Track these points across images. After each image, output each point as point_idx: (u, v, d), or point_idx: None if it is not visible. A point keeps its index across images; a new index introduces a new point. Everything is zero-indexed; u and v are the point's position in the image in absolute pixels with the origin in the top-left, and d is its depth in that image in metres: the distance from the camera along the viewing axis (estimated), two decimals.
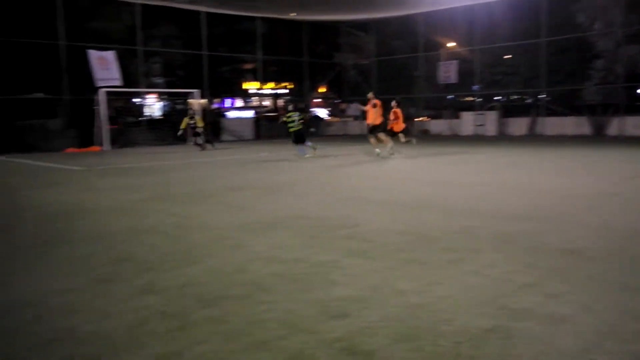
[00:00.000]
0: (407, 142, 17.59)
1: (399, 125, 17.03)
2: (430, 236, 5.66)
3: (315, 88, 35.89)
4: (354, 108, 34.20)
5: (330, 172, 12.53)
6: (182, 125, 20.79)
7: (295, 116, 16.43)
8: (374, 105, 15.45)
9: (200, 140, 20.77)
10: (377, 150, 15.84)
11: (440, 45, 30.92)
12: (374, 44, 33.27)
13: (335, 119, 36.11)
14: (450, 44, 30.86)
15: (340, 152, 18.45)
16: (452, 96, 31.97)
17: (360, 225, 6.32)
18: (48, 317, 3.55)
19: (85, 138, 22.73)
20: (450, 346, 3.00)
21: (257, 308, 3.69)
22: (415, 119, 30.88)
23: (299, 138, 16.48)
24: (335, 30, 33.80)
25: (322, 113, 37.54)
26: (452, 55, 30.24)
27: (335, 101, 37.79)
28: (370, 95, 15.74)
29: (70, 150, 21.60)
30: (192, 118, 20.62)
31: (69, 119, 23.61)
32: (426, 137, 27.83)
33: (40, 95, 24.25)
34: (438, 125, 30.50)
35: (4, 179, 12.37)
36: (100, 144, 22.08)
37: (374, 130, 15.77)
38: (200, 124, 20.64)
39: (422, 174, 11.96)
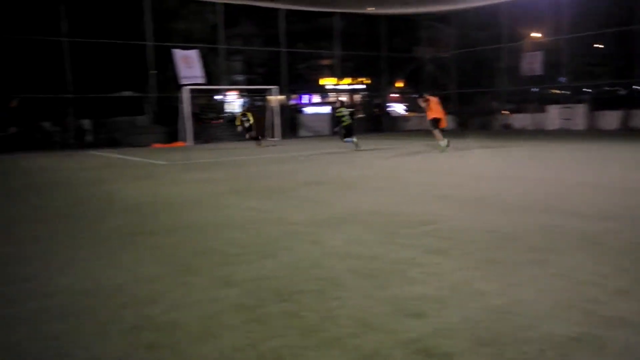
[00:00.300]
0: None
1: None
2: (511, 235, 5.40)
3: (392, 83, 35.49)
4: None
5: (404, 167, 12.32)
6: (237, 122, 21.16)
7: (346, 112, 17.42)
8: (426, 101, 16.36)
9: (252, 134, 21.06)
10: (441, 143, 16.07)
11: (524, 36, 29.59)
12: (454, 36, 32.37)
13: (412, 114, 35.54)
14: (535, 34, 29.47)
15: (413, 147, 18.12)
16: (537, 89, 30.53)
17: (439, 222, 6.14)
18: (133, 305, 3.69)
19: (171, 134, 23.74)
20: (534, 353, 2.82)
21: (331, 304, 3.66)
22: (496, 113, 29.79)
23: (349, 132, 17.42)
24: (414, 24, 33.20)
25: (399, 108, 37.08)
26: (537, 45, 28.87)
27: (413, 96, 37.19)
28: (425, 95, 16.32)
29: (157, 145, 22.63)
30: (244, 115, 20.89)
31: (155, 115, 24.76)
32: (508, 131, 26.77)
33: (129, 93, 25.62)
34: (521, 120, 29.24)
35: (96, 172, 13.14)
36: (184, 140, 22.97)
37: (434, 124, 16.35)
38: (251, 119, 20.83)
39: (494, 168, 11.49)
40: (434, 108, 16.28)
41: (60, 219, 7.04)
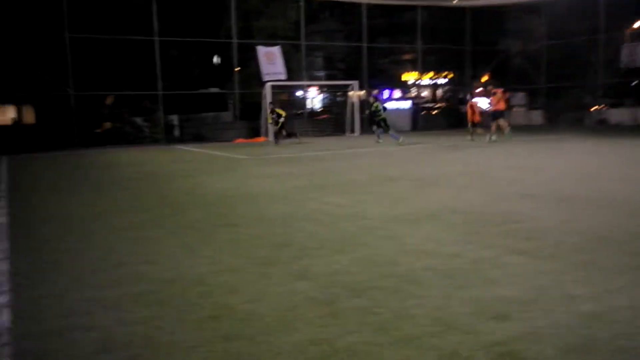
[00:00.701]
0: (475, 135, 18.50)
1: (476, 117, 18.69)
2: (608, 237, 5.04)
3: (476, 77, 34.35)
4: (519, 97, 32.12)
5: (486, 164, 11.88)
6: (269, 120, 21.01)
7: (381, 106, 18.65)
8: (493, 94, 17.55)
9: (285, 132, 20.77)
10: (494, 137, 17.06)
11: (624, 26, 27.62)
12: (545, 27, 30.78)
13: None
14: (637, 24, 27.44)
15: (494, 143, 17.43)
16: (637, 82, 28.43)
17: (524, 221, 5.85)
18: (212, 295, 3.78)
19: (252, 129, 24.31)
20: None
21: (407, 302, 3.57)
22: (591, 109, 28.08)
23: (387, 126, 18.68)
24: (501, 15, 31.88)
25: (483, 103, 35.83)
26: (638, 36, 26.86)
27: (498, 90, 35.81)
28: (490, 88, 16.23)
29: (239, 140, 23.24)
30: (272, 112, 20.58)
31: (238, 111, 25.46)
32: (602, 127, 25.18)
33: (215, 90, 26.50)
34: (618, 115, 27.37)
35: (182, 165, 13.68)
36: (265, 135, 23.44)
37: (496, 116, 17.44)
38: (283, 114, 20.55)
39: (585, 166, 10.79)
40: (498, 100, 17.44)
41: (147, 210, 7.37)
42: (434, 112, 32.53)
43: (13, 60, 19.27)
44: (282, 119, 20.03)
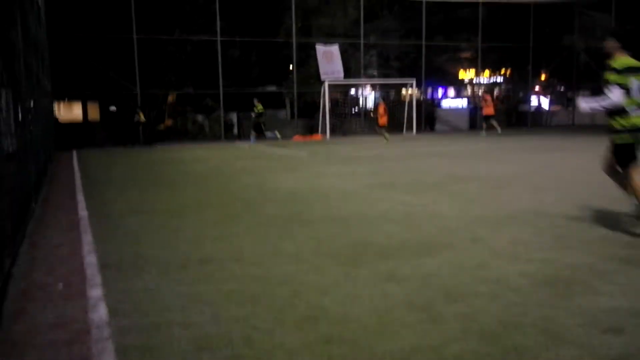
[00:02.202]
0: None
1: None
2: None
3: (538, 75, 33.22)
4: (582, 96, 30.88)
5: (561, 164, 11.39)
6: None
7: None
8: (485, 100, 20.18)
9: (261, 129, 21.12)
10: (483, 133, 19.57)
11: None
12: (614, 23, 29.46)
13: (558, 108, 33.02)
14: None
15: (563, 143, 16.76)
16: None
17: (618, 227, 5.52)
18: (303, 294, 3.71)
19: (309, 127, 24.36)
20: None
21: (510, 310, 3.39)
22: None
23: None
24: (566, 11, 30.71)
25: (544, 102, 34.62)
26: None
27: (561, 89, 34.55)
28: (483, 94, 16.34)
29: (297, 138, 23.31)
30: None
31: (296, 109, 25.55)
32: None
33: (273, 88, 26.70)
34: None
35: (245, 162, 13.79)
36: (323, 133, 23.43)
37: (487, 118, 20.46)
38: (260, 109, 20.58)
39: None
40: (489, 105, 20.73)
41: (221, 206, 7.42)
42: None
43: (82, 59, 19.96)
44: (258, 117, 20.21)
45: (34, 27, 10.60)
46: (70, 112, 26.64)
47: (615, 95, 5.03)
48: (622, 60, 5.17)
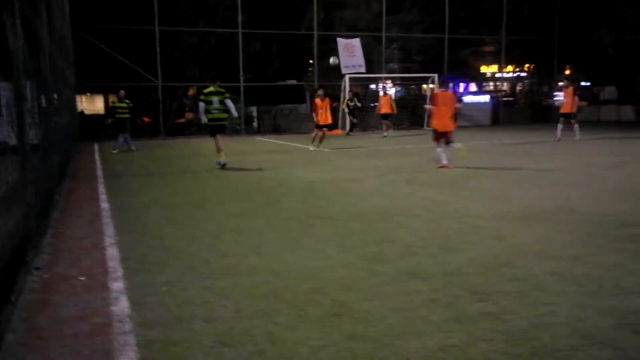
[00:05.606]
0: None
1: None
2: None
3: (563, 70, 32.61)
4: (609, 92, 30.28)
5: (586, 161, 11.15)
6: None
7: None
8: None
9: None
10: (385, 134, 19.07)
11: None
12: None
13: (584, 103, 32.37)
14: None
15: (589, 139, 16.42)
16: None
17: None
18: (326, 291, 3.66)
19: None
20: None
21: (538, 309, 3.30)
22: None
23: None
24: (594, 4, 30.02)
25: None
26: None
27: (585, 84, 33.84)
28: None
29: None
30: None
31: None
32: None
33: (293, 82, 26.63)
34: None
35: (265, 156, 13.77)
36: (342, 128, 23.29)
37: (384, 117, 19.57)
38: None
39: None
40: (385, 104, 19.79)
41: (243, 200, 7.40)
42: (516, 106, 31.26)
43: (104, 52, 20.10)
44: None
45: (59, 20, 10.69)
46: (92, 104, 26.93)
47: None
48: None
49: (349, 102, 21.48)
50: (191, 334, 3.03)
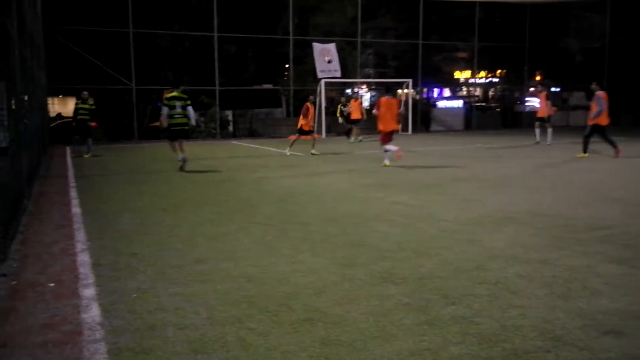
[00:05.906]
0: None
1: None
2: None
3: (533, 76, 33.25)
4: (578, 97, 30.95)
5: (553, 166, 11.38)
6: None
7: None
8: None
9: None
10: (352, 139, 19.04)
11: None
12: (609, 25, 29.53)
13: (554, 109, 33.02)
14: None
15: (554, 145, 16.76)
16: None
17: (615, 227, 5.51)
18: (299, 296, 3.66)
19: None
20: None
21: (509, 312, 3.36)
22: None
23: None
24: (562, 12, 30.73)
25: (537, 103, 34.69)
26: None
27: (554, 89, 34.54)
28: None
29: (292, 137, 23.19)
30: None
31: (292, 108, 25.45)
32: None
33: (268, 86, 26.56)
34: None
35: (240, 160, 13.72)
36: (319, 133, 23.32)
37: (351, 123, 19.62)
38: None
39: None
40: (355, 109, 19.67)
41: (217, 205, 7.34)
42: (488, 112, 31.72)
43: (77, 53, 19.75)
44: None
45: (30, 19, 10.47)
46: (64, 107, 26.43)
47: None
48: None
49: (342, 107, 21.45)
50: (163, 341, 2.99)
